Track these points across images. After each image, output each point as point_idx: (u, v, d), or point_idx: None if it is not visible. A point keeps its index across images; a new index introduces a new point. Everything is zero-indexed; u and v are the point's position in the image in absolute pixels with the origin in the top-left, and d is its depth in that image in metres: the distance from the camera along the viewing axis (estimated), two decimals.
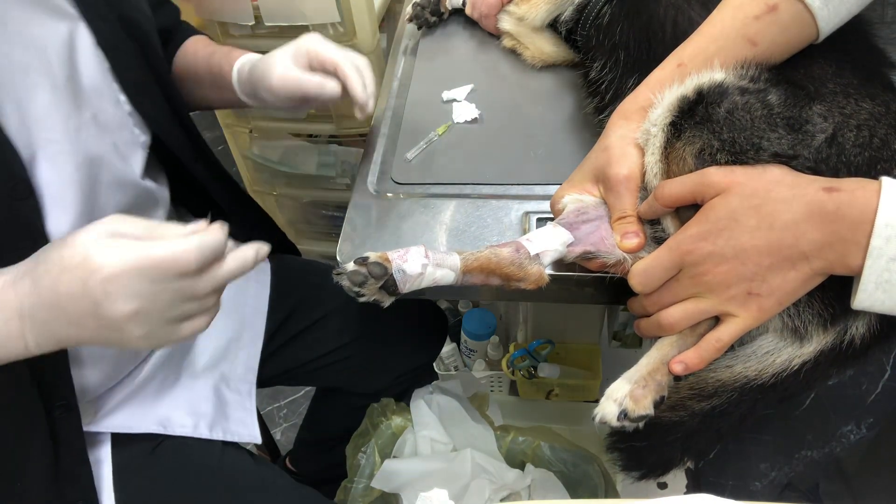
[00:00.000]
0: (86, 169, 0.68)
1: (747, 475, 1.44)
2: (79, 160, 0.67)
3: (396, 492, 0.99)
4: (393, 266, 0.60)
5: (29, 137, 0.63)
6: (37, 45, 0.65)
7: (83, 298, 0.50)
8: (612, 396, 0.61)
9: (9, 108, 0.61)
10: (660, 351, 0.61)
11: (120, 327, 0.52)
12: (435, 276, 0.61)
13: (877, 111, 0.59)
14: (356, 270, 0.60)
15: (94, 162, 0.69)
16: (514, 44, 0.99)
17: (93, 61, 0.70)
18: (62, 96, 0.66)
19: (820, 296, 0.57)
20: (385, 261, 0.60)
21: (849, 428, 1.51)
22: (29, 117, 0.63)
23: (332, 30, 1.33)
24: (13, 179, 0.61)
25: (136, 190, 0.76)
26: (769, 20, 0.61)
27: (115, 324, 0.51)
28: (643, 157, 0.62)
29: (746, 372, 0.61)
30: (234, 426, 0.87)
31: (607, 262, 0.62)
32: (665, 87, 0.63)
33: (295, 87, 0.74)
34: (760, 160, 0.56)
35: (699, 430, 0.64)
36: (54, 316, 0.51)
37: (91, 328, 0.52)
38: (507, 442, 1.05)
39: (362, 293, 0.60)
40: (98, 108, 0.71)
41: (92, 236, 0.51)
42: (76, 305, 0.50)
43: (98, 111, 0.70)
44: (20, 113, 0.62)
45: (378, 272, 0.59)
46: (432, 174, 0.83)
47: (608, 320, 1.35)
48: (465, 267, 0.62)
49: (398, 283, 0.60)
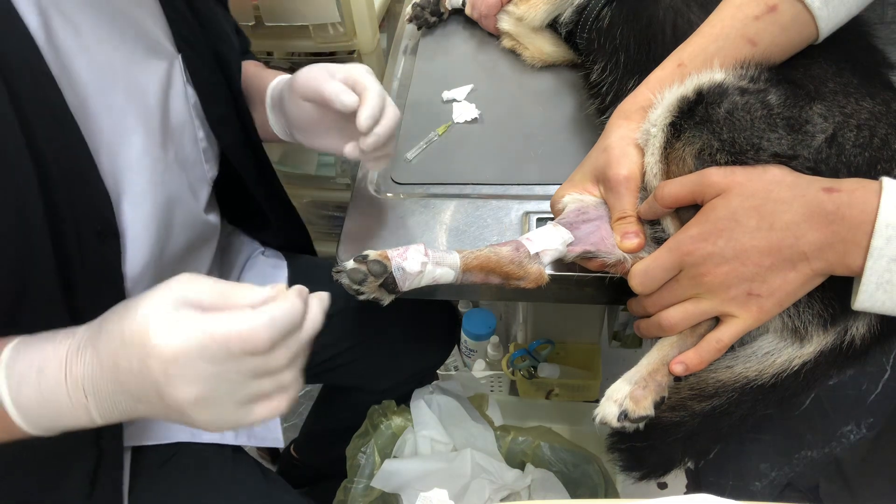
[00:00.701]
0: (163, 209, 0.67)
1: (747, 475, 1.44)
2: (159, 201, 0.66)
3: (396, 492, 0.99)
4: (392, 264, 0.60)
5: (117, 181, 0.61)
6: (138, 88, 0.64)
7: (144, 378, 0.46)
8: (613, 397, 0.61)
9: (103, 151, 0.60)
10: (660, 351, 0.61)
11: (184, 411, 0.47)
12: (434, 274, 0.61)
13: (877, 110, 0.59)
14: (356, 268, 0.60)
15: (171, 202, 0.68)
16: (513, 44, 0.99)
17: (182, 98, 0.70)
18: (154, 139, 0.65)
19: (820, 296, 0.57)
20: (385, 259, 0.60)
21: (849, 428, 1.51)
22: (120, 161, 0.62)
23: (332, 30, 1.33)
24: (102, 223, 0.59)
25: (201, 226, 0.76)
26: (769, 20, 0.61)
27: (178, 407, 0.47)
28: (643, 157, 0.62)
29: (747, 372, 0.61)
30: (259, 430, 0.86)
31: (607, 261, 0.62)
32: (665, 88, 0.63)
33: (314, 86, 0.70)
34: (760, 160, 0.56)
35: (700, 430, 0.64)
36: (118, 390, 0.48)
37: (157, 406, 0.48)
38: (507, 442, 1.05)
39: (362, 291, 0.60)
40: (179, 146, 0.70)
41: (155, 308, 0.46)
42: (138, 384, 0.46)
43: (179, 149, 0.70)
44: (113, 157, 0.61)
45: (378, 270, 0.60)
46: (432, 174, 0.83)
47: (608, 320, 1.35)
48: (465, 265, 0.62)
49: (398, 280, 0.60)
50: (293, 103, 0.75)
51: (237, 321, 0.46)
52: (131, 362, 0.46)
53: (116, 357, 0.46)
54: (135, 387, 0.47)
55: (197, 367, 0.45)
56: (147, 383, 0.46)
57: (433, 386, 1.12)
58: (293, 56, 1.47)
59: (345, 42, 1.34)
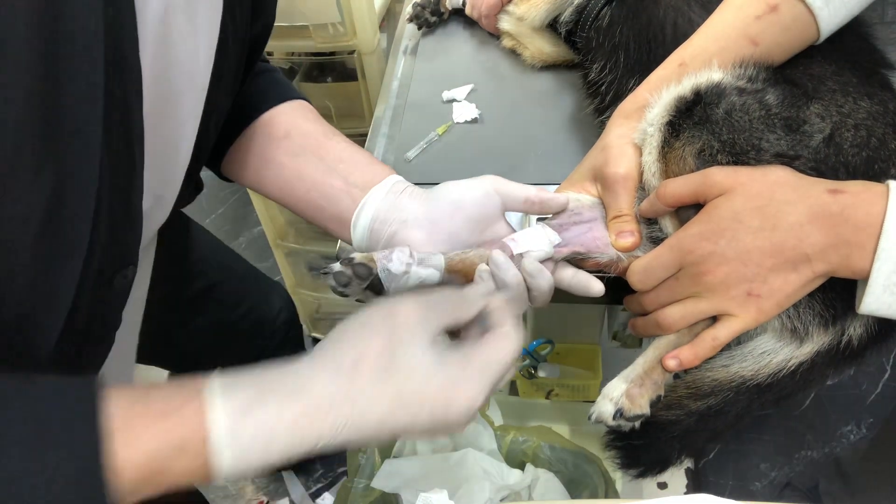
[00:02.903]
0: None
1: (747, 475, 1.44)
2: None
3: (396, 492, 0.99)
4: (378, 266, 0.60)
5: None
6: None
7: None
8: (609, 395, 0.61)
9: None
10: (657, 351, 0.61)
11: (459, 424, 0.48)
12: (420, 275, 0.61)
13: (875, 110, 0.59)
14: (341, 271, 0.60)
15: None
16: (513, 44, 0.99)
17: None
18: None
19: (821, 297, 0.57)
20: (370, 261, 0.60)
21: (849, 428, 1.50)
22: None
23: (332, 30, 1.33)
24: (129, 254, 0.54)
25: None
26: (770, 20, 0.61)
27: (452, 422, 0.47)
28: (641, 156, 0.63)
29: (743, 372, 0.61)
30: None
31: (600, 261, 0.62)
32: (664, 87, 0.63)
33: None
34: (762, 161, 0.56)
35: (696, 428, 0.64)
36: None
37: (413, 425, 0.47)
38: (507, 442, 1.05)
39: (347, 293, 0.60)
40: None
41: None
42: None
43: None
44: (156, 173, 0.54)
45: (363, 273, 0.59)
46: (432, 174, 0.83)
47: (608, 320, 1.35)
48: (450, 266, 0.62)
49: (384, 282, 0.60)
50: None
51: (506, 349, 0.49)
52: (413, 423, 0.46)
53: (388, 418, 0.45)
54: (402, 431, 0.46)
55: (482, 401, 0.47)
56: (422, 427, 0.46)
57: None
58: (293, 56, 1.47)
59: (345, 42, 1.34)
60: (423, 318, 0.48)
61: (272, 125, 0.68)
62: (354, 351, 0.47)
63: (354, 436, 0.45)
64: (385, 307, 0.49)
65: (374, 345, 0.47)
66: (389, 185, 0.63)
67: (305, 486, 1.53)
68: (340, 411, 0.44)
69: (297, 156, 0.66)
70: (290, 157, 0.66)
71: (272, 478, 1.56)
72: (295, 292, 1.69)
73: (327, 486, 1.55)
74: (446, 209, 0.61)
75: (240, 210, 2.11)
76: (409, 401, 0.46)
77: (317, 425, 0.44)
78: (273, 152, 0.67)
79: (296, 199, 0.67)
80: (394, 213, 0.62)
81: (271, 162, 0.67)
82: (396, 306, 0.49)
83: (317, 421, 0.44)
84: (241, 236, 2.09)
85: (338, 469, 1.56)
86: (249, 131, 0.68)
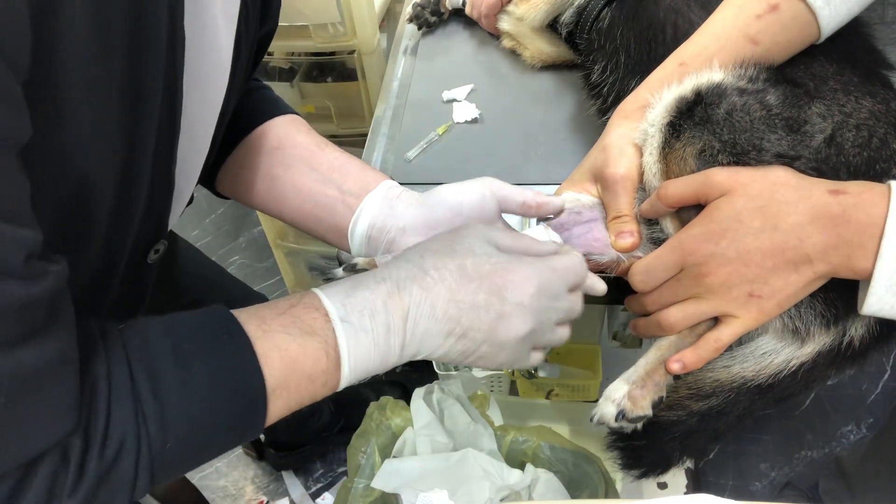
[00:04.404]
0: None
1: (747, 475, 1.44)
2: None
3: (396, 492, 0.99)
4: None
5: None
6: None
7: (485, 310, 0.51)
8: (610, 397, 0.61)
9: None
10: (658, 351, 0.61)
11: (504, 345, 0.52)
12: None
13: (877, 109, 0.59)
14: (346, 277, 0.59)
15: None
16: (513, 44, 0.99)
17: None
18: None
19: (822, 297, 0.57)
20: (372, 266, 0.60)
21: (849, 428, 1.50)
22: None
23: (332, 29, 1.33)
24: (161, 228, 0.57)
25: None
26: (771, 19, 0.61)
27: (503, 341, 0.52)
28: (641, 157, 0.62)
29: (744, 372, 0.61)
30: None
31: (600, 261, 0.62)
32: (664, 87, 0.63)
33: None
34: (763, 161, 0.56)
35: (697, 429, 0.64)
36: (439, 329, 0.51)
37: (471, 343, 0.52)
38: (507, 442, 1.05)
39: None
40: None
41: (480, 243, 0.53)
42: (472, 317, 0.51)
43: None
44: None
45: None
46: (432, 174, 0.83)
47: (608, 320, 1.35)
48: None
49: None
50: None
51: (564, 260, 0.55)
52: (476, 297, 0.51)
53: (455, 293, 0.50)
54: (466, 320, 0.51)
55: (538, 301, 0.52)
56: (484, 316, 0.51)
57: (433, 386, 1.12)
58: (293, 56, 1.47)
59: (345, 42, 1.34)
60: (483, 228, 0.55)
61: (265, 138, 0.68)
62: (421, 247, 0.54)
63: (429, 310, 0.50)
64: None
65: (438, 242, 0.54)
66: (384, 191, 0.63)
67: (305, 486, 1.53)
68: (418, 284, 0.51)
69: (290, 167, 0.66)
70: (284, 169, 0.66)
71: (272, 478, 1.55)
72: (294, 292, 1.69)
73: (327, 486, 1.55)
74: (444, 215, 0.61)
75: (240, 210, 2.11)
76: (470, 274, 0.51)
77: (405, 299, 0.50)
78: (266, 165, 0.67)
79: (292, 211, 0.67)
80: (391, 221, 0.62)
81: (265, 175, 0.67)
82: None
83: (403, 296, 0.50)
84: (241, 236, 2.08)
85: (338, 469, 1.56)
86: (243, 146, 0.68)
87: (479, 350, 0.53)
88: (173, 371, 0.43)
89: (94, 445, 0.40)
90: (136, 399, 0.42)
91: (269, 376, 0.46)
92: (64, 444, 0.39)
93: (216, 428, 0.45)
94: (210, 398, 0.44)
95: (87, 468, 0.40)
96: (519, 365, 0.56)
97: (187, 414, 0.43)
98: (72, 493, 0.39)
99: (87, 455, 0.40)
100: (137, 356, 0.43)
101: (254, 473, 1.56)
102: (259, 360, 0.46)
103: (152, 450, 0.42)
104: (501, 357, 0.54)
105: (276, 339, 0.47)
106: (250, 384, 0.45)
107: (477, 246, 0.53)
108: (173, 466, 0.45)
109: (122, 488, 0.42)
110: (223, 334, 0.46)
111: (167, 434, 0.42)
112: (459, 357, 0.53)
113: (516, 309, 0.52)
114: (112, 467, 0.41)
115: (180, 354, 0.44)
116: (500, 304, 0.51)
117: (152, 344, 0.44)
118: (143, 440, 0.41)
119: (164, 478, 0.44)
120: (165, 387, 0.43)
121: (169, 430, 0.42)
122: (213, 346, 0.45)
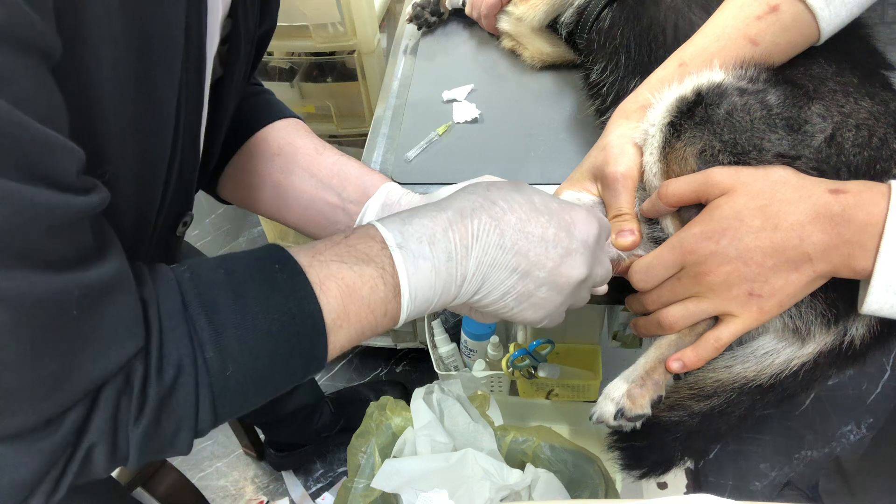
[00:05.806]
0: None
1: (747, 475, 1.44)
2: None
3: (396, 492, 0.99)
4: None
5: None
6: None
7: (553, 247, 0.50)
8: (610, 396, 0.61)
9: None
10: (658, 350, 0.61)
11: (562, 288, 0.51)
12: None
13: (876, 110, 0.59)
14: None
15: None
16: (513, 44, 0.99)
17: None
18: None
19: (823, 296, 0.57)
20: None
21: (849, 428, 1.50)
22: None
23: (332, 29, 1.33)
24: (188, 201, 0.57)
25: None
26: (771, 20, 0.61)
27: (562, 284, 0.51)
28: (641, 156, 0.62)
29: (745, 372, 0.61)
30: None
31: None
32: (665, 87, 0.63)
33: None
34: (763, 161, 0.56)
35: (698, 429, 0.64)
36: (503, 263, 0.49)
37: (530, 283, 0.50)
38: (507, 442, 1.05)
39: None
40: None
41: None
42: (539, 253, 0.50)
43: None
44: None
45: None
46: (432, 174, 0.83)
47: (608, 320, 1.35)
48: None
49: None
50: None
51: (604, 218, 0.55)
52: (546, 230, 0.50)
53: (525, 224, 0.49)
54: (534, 255, 0.49)
55: (598, 245, 0.53)
56: (552, 252, 0.50)
57: (433, 386, 1.12)
58: (293, 56, 1.47)
59: (345, 42, 1.34)
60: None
61: (265, 143, 0.68)
62: (478, 183, 0.52)
63: (497, 238, 0.49)
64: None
65: (497, 184, 0.52)
66: (383, 197, 0.63)
67: (305, 486, 1.53)
68: (487, 213, 0.49)
69: (290, 173, 0.67)
70: (284, 175, 0.67)
71: (272, 478, 1.56)
72: None
73: (327, 486, 1.55)
74: None
75: (240, 210, 2.11)
76: (539, 207, 0.51)
77: (471, 227, 0.48)
78: (267, 171, 0.67)
79: (295, 217, 0.67)
80: None
81: (265, 181, 0.67)
82: None
83: (469, 224, 0.48)
84: (241, 236, 2.08)
85: (338, 469, 1.56)
86: (244, 151, 0.68)
87: (536, 295, 0.51)
88: (225, 298, 0.42)
89: (151, 368, 0.39)
90: (190, 324, 0.41)
91: (327, 304, 0.45)
92: (127, 368, 0.38)
93: (276, 356, 0.43)
94: (266, 325, 0.43)
95: (148, 392, 0.39)
96: (554, 321, 0.55)
97: (243, 340, 0.42)
98: (136, 422, 0.39)
99: (147, 379, 0.39)
100: (188, 287, 0.42)
101: (254, 473, 1.56)
102: (314, 288, 0.44)
103: (211, 375, 0.41)
104: (552, 304, 0.52)
105: (330, 268, 0.45)
106: (306, 310, 0.44)
107: (537, 190, 0.52)
108: (238, 398, 0.43)
109: (185, 416, 0.41)
110: (274, 263, 0.45)
111: (226, 360, 0.41)
112: (513, 303, 0.51)
113: (582, 247, 0.51)
114: (171, 392, 0.39)
115: (232, 283, 0.43)
116: (568, 240, 0.51)
117: (204, 275, 0.43)
118: (199, 365, 0.40)
119: (229, 411, 0.43)
120: (218, 313, 0.42)
121: (227, 356, 0.41)
122: (265, 276, 0.44)
